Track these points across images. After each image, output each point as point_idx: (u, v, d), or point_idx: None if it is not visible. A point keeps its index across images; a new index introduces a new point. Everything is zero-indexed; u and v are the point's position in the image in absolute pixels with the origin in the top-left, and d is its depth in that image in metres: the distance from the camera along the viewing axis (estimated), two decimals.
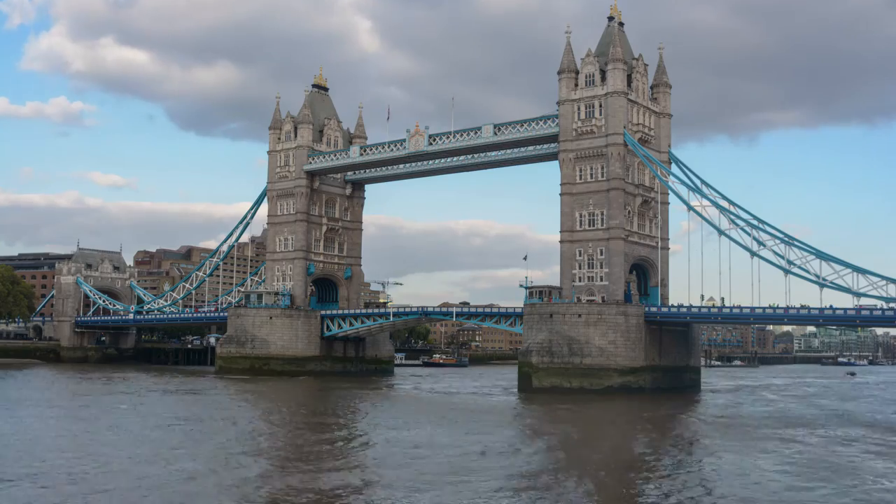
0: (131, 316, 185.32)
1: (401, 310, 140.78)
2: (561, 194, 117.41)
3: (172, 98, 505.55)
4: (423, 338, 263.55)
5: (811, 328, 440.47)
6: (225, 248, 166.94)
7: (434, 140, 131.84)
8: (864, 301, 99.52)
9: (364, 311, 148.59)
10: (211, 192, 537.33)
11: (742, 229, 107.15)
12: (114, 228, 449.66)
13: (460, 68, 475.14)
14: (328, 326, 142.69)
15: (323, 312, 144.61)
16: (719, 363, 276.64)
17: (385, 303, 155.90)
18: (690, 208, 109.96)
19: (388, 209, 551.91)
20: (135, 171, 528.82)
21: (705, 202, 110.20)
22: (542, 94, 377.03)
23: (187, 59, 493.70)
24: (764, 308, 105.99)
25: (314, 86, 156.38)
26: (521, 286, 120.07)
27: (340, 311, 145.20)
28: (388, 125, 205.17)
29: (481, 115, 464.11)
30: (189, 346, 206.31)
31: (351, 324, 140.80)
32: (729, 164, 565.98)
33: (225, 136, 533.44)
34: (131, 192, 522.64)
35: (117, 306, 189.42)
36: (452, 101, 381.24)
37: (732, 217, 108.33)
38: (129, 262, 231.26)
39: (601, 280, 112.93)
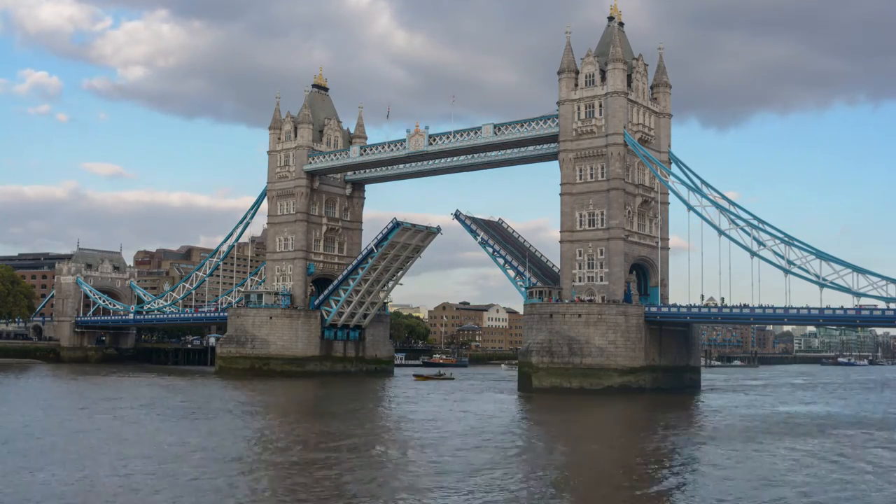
0: (131, 316, 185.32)
1: (379, 238, 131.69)
2: (561, 194, 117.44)
3: (145, 66, 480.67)
4: (423, 338, 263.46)
5: (811, 328, 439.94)
6: (225, 248, 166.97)
7: (434, 140, 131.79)
8: (864, 301, 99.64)
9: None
10: (194, 179, 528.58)
11: (742, 229, 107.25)
12: (105, 220, 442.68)
13: (457, 34, 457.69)
14: (326, 313, 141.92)
15: (317, 301, 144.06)
16: (719, 363, 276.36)
17: (385, 303, 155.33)
18: (690, 208, 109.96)
19: (398, 206, 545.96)
20: (124, 160, 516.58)
21: (705, 202, 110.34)
22: (542, 68, 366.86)
23: (158, 19, 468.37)
24: (764, 308, 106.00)
25: (314, 86, 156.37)
26: (521, 286, 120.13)
27: (329, 289, 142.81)
28: (385, 110, 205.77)
29: (479, 91, 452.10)
30: (189, 346, 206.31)
31: (345, 292, 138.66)
32: (775, 149, 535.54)
33: (210, 115, 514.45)
34: (124, 181, 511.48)
35: (117, 306, 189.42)
36: (453, 100, 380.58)
37: (732, 217, 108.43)
38: (129, 261, 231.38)
39: (601, 280, 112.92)
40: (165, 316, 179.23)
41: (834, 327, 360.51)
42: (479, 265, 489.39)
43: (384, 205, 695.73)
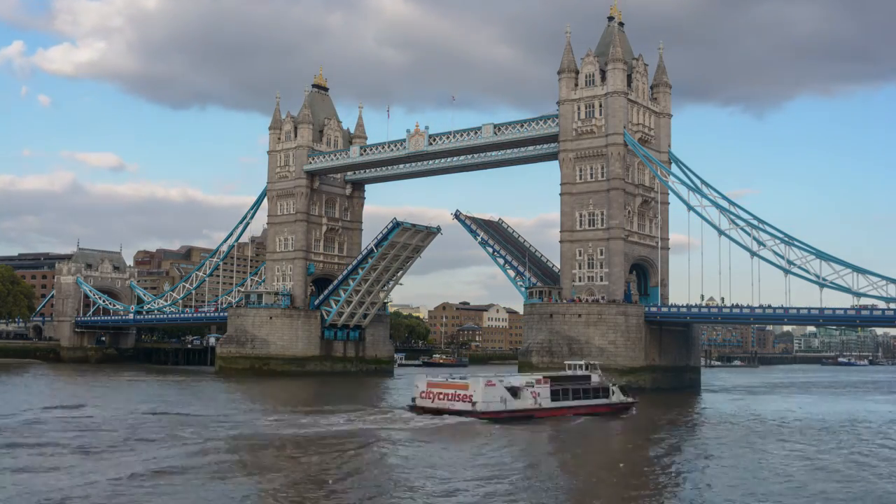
0: (131, 316, 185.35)
1: (379, 238, 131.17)
2: (561, 194, 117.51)
3: (127, 40, 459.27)
4: (423, 338, 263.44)
5: (811, 328, 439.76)
6: (225, 247, 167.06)
7: (434, 140, 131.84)
8: (864, 301, 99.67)
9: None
10: (192, 171, 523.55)
11: (742, 229, 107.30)
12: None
13: (451, 5, 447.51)
14: (326, 313, 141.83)
15: (317, 301, 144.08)
16: (719, 363, 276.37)
17: (385, 303, 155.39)
18: (690, 208, 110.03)
19: (398, 205, 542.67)
20: (122, 150, 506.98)
21: (705, 202, 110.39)
22: (539, 41, 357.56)
23: None
24: (764, 308, 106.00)
25: (314, 86, 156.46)
26: (521, 286, 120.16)
27: (329, 289, 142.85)
28: (383, 104, 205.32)
29: (477, 71, 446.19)
30: (189, 346, 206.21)
31: (345, 292, 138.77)
32: (803, 142, 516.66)
33: (199, 100, 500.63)
34: (124, 174, 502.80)
35: (117, 306, 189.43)
36: (452, 99, 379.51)
37: (732, 217, 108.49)
38: (129, 261, 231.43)
39: (601, 280, 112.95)
40: (165, 316, 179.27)
41: (834, 327, 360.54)
42: (488, 263, 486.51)
43: (384, 204, 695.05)
